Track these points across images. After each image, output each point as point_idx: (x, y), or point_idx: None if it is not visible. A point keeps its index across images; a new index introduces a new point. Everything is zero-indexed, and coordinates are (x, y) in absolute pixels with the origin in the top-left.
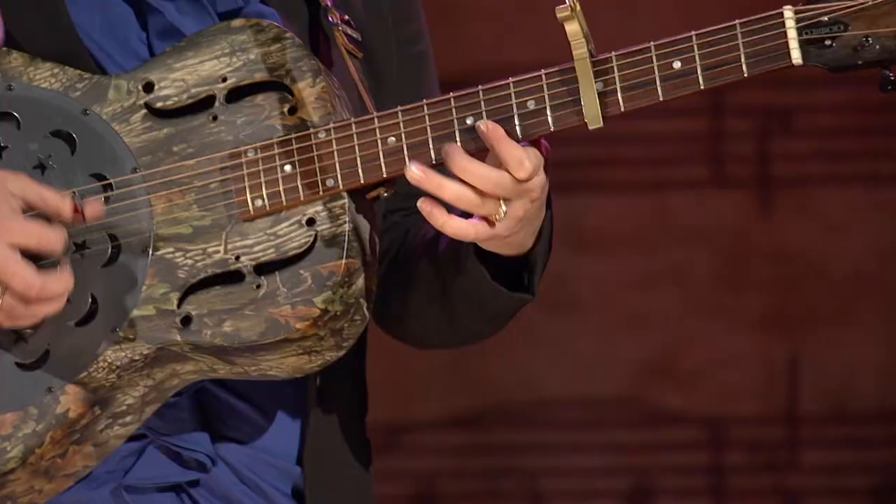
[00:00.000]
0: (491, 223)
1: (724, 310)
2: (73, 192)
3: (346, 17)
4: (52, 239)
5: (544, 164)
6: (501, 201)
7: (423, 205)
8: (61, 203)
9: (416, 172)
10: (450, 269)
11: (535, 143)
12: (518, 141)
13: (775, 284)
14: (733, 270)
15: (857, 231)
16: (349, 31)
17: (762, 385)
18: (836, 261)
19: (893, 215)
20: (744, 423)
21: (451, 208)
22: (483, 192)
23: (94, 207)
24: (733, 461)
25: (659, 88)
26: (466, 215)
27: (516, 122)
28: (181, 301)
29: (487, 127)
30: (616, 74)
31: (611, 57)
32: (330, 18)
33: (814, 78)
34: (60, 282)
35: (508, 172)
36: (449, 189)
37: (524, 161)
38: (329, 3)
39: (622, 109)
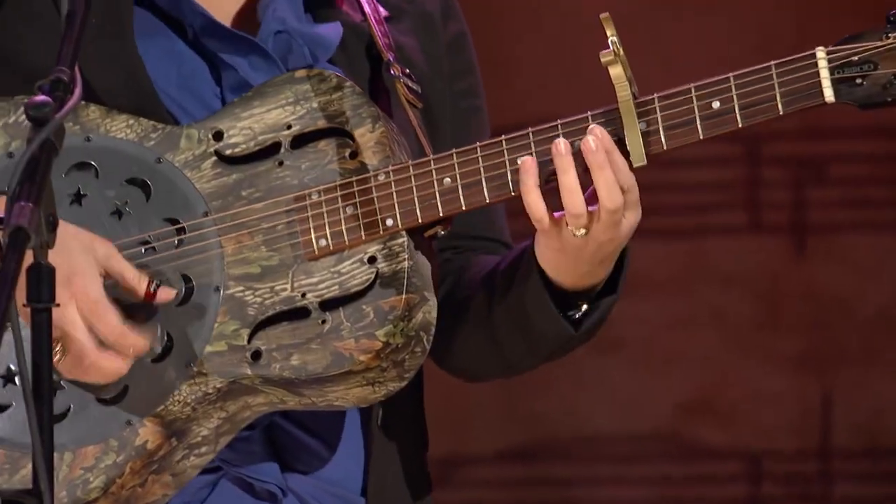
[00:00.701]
0: (567, 231)
1: (759, 349)
2: (153, 281)
3: (407, 70)
4: (114, 332)
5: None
6: (583, 229)
7: (527, 163)
8: (138, 286)
9: (560, 145)
10: (503, 285)
11: None
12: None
13: (808, 325)
14: (768, 312)
15: (886, 275)
16: (410, 83)
17: (797, 421)
18: (865, 303)
19: None
20: (779, 458)
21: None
22: (590, 208)
23: (166, 294)
24: (770, 494)
25: (699, 127)
26: None
27: None
28: (251, 337)
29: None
30: (658, 115)
31: (653, 98)
32: (392, 72)
33: (846, 129)
34: (112, 363)
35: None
36: (572, 176)
37: (625, 180)
38: (391, 58)
39: (664, 147)
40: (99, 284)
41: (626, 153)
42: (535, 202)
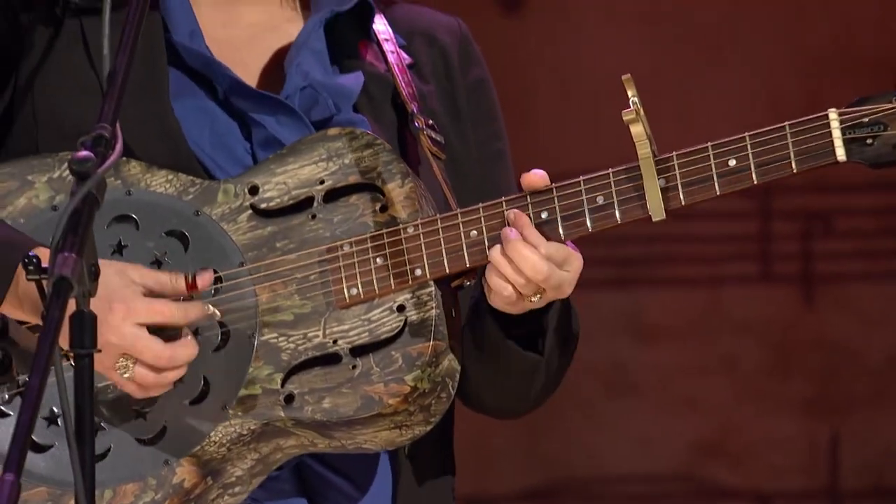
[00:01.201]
0: (521, 297)
1: (770, 394)
2: (187, 273)
3: (430, 121)
4: (175, 314)
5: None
6: (538, 296)
7: (510, 214)
8: (176, 282)
9: (509, 233)
10: (474, 325)
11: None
12: (584, 233)
13: (817, 371)
14: (779, 358)
15: (892, 323)
16: (433, 134)
17: (806, 463)
18: (872, 350)
19: None
20: (790, 498)
21: None
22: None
23: (204, 278)
24: None
25: (716, 184)
26: None
27: (587, 215)
28: (284, 381)
29: (516, 215)
30: (677, 171)
31: (672, 156)
32: (416, 124)
33: (852, 184)
34: (186, 349)
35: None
36: (528, 258)
37: (553, 252)
38: (415, 110)
39: (682, 203)
40: (140, 295)
41: (645, 208)
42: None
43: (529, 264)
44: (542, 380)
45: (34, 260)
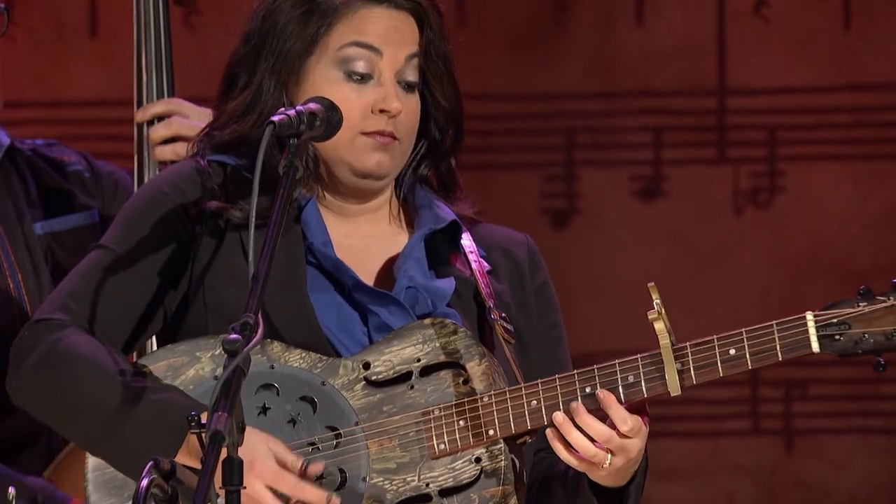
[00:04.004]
0: (596, 465)
1: None
2: (304, 462)
3: (503, 314)
4: (293, 487)
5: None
6: (609, 455)
7: (549, 433)
8: (296, 463)
9: (559, 418)
10: (571, 492)
11: (638, 413)
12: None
13: None
14: (767, 494)
15: (854, 467)
16: (505, 324)
17: None
18: (838, 489)
19: (880, 455)
20: None
21: None
22: (597, 445)
23: (312, 469)
24: None
25: (720, 368)
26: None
27: (620, 390)
28: None
29: (604, 394)
30: (690, 358)
31: (686, 346)
32: (492, 316)
33: (823, 361)
34: None
35: (615, 428)
36: (575, 436)
37: (627, 419)
38: (491, 305)
39: (694, 383)
40: (274, 463)
41: (665, 386)
42: (569, 460)
43: (593, 429)
44: None
45: (196, 417)
